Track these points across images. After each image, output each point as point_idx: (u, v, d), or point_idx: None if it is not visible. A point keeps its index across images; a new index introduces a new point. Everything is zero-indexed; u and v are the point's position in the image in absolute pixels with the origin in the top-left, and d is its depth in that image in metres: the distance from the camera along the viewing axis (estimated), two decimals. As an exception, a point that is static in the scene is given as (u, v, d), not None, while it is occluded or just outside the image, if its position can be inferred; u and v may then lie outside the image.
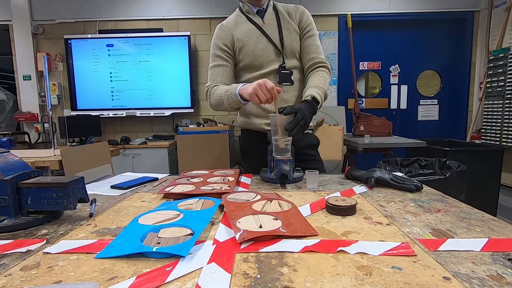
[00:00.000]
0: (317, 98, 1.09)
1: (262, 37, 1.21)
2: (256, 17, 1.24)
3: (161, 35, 3.76)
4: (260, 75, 1.21)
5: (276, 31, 1.22)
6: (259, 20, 1.23)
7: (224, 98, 1.14)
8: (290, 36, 1.23)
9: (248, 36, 1.21)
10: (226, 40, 1.22)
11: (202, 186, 0.93)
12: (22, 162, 0.71)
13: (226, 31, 1.23)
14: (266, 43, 1.20)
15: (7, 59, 3.92)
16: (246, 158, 1.36)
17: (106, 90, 3.82)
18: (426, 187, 0.93)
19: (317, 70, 1.23)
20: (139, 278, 0.44)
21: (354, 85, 3.16)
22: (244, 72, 1.26)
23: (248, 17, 1.24)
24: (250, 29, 1.22)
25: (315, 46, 1.25)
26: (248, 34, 1.21)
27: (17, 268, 0.48)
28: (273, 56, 1.21)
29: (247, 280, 0.43)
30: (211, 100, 1.22)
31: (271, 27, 1.22)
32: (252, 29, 1.21)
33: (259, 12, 1.24)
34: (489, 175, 2.61)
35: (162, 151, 3.51)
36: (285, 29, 1.22)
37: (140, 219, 0.65)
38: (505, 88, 3.24)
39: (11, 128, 3.95)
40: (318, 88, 1.13)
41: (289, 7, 1.28)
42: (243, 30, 1.22)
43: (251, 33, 1.21)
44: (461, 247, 0.52)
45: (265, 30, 1.21)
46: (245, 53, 1.21)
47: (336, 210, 0.70)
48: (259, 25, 1.22)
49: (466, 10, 3.76)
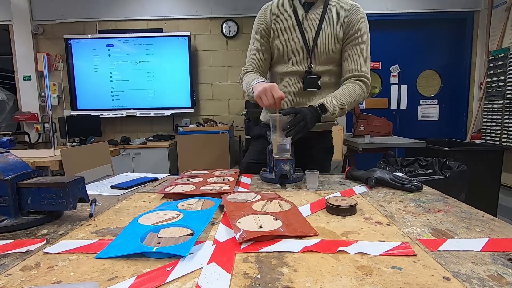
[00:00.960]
0: (326, 106, 1.02)
1: (297, 33, 1.13)
2: (300, 9, 1.14)
3: (161, 35, 3.76)
4: (285, 72, 1.18)
5: (314, 32, 1.13)
6: (302, 14, 1.14)
7: (245, 89, 1.15)
8: (327, 41, 1.13)
9: (285, 27, 1.14)
10: (264, 24, 1.17)
11: (202, 186, 0.93)
12: (22, 162, 0.71)
13: (267, 15, 1.16)
14: (299, 41, 1.13)
15: (7, 59, 3.92)
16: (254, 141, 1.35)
17: (106, 90, 3.82)
18: (426, 187, 0.93)
19: (350, 82, 1.13)
20: (139, 278, 0.44)
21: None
22: (274, 64, 1.23)
23: (294, 6, 1.14)
24: (290, 20, 1.14)
25: (360, 57, 1.12)
26: (286, 25, 1.14)
27: (17, 268, 0.48)
28: (301, 57, 1.15)
29: (247, 280, 0.43)
30: (242, 85, 1.21)
31: (311, 25, 1.13)
32: (292, 21, 1.14)
33: (305, 5, 1.14)
34: (489, 175, 2.61)
35: (162, 151, 3.51)
36: (324, 32, 1.13)
37: (140, 219, 0.65)
38: (505, 88, 3.24)
39: (11, 128, 3.95)
40: (336, 98, 1.06)
41: (344, 6, 1.14)
42: (283, 18, 1.14)
43: (288, 25, 1.14)
44: (461, 247, 0.52)
45: (303, 26, 1.13)
46: (276, 44, 1.16)
47: (336, 210, 0.70)
48: (299, 19, 1.13)
49: (466, 10, 3.76)
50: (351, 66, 1.13)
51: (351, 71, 1.13)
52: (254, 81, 1.10)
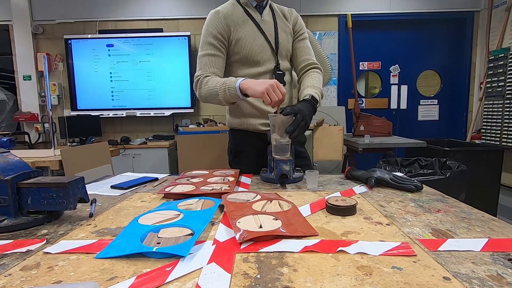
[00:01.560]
0: (316, 97, 1.09)
1: (259, 33, 1.19)
2: (254, 12, 1.21)
3: (161, 35, 3.75)
4: (256, 73, 1.19)
5: (273, 30, 1.21)
6: (257, 16, 1.21)
7: (220, 91, 1.07)
8: (285, 37, 1.23)
9: (245, 29, 1.18)
10: (221, 29, 1.15)
11: (202, 186, 0.93)
12: (22, 162, 0.71)
13: (222, 20, 1.16)
14: (263, 41, 1.19)
15: (7, 59, 3.92)
16: (241, 158, 1.30)
17: (106, 90, 3.82)
18: (426, 187, 0.93)
19: (311, 71, 1.24)
20: (139, 278, 0.44)
21: (354, 85, 3.16)
22: (237, 67, 1.21)
23: (246, 10, 1.20)
24: (248, 23, 1.19)
25: (307, 48, 1.27)
26: (246, 28, 1.18)
27: (17, 268, 0.48)
28: (268, 55, 1.20)
29: (247, 280, 0.43)
30: (201, 91, 1.14)
31: (268, 25, 1.21)
32: (250, 23, 1.19)
33: (258, 8, 1.22)
34: (489, 175, 2.61)
35: (162, 151, 3.51)
36: (281, 29, 1.23)
37: (140, 219, 0.65)
38: (505, 88, 3.24)
39: (11, 128, 3.95)
40: (315, 88, 1.14)
41: (283, 8, 1.28)
42: (240, 22, 1.18)
43: (248, 27, 1.18)
44: (461, 247, 0.52)
45: (262, 27, 1.20)
46: (241, 46, 1.17)
47: (336, 210, 0.70)
48: (256, 21, 1.19)
49: (466, 10, 3.76)
50: (304, 56, 1.26)
51: (306, 60, 1.26)
52: (231, 81, 1.06)
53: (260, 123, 1.23)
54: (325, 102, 3.92)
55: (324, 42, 3.82)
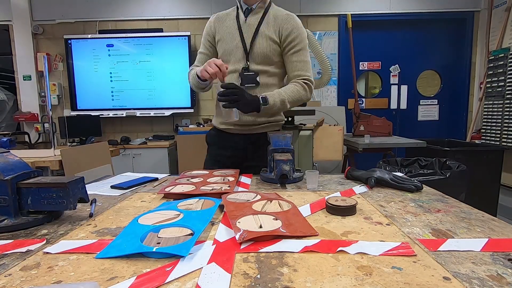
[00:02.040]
0: (268, 99, 1.14)
1: (237, 35, 1.25)
2: (241, 16, 1.27)
3: (161, 35, 3.76)
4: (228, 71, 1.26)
5: (252, 34, 1.23)
6: (242, 18, 1.26)
7: (190, 78, 1.30)
8: (263, 42, 1.22)
9: (227, 31, 1.27)
10: (209, 30, 1.32)
11: (202, 186, 0.93)
12: (22, 162, 0.71)
13: (214, 22, 1.31)
14: (238, 43, 1.24)
15: (7, 59, 3.92)
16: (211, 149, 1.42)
17: (106, 90, 3.82)
18: (426, 187, 0.93)
19: (294, 82, 1.24)
20: (139, 278, 0.44)
21: (354, 85, 3.16)
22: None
23: (237, 14, 1.28)
24: (231, 25, 1.27)
25: (300, 63, 1.23)
26: (228, 30, 1.27)
27: (17, 268, 0.48)
28: (240, 56, 1.25)
29: (247, 280, 0.43)
30: (189, 79, 1.34)
31: (249, 28, 1.24)
32: (233, 26, 1.26)
33: (246, 11, 1.26)
34: (489, 175, 2.61)
35: (162, 151, 3.51)
36: (261, 34, 1.23)
37: (140, 219, 0.65)
38: (505, 88, 3.24)
39: (11, 128, 3.95)
40: (278, 93, 1.18)
41: (281, 14, 1.25)
42: (227, 24, 1.28)
43: (230, 29, 1.27)
44: (461, 247, 0.52)
45: (242, 29, 1.25)
46: (219, 46, 1.29)
47: (336, 210, 0.70)
48: (239, 23, 1.26)
49: (466, 10, 3.76)
50: (294, 72, 1.25)
51: (295, 77, 1.25)
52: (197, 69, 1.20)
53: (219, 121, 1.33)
54: (325, 102, 3.92)
55: (324, 42, 3.82)
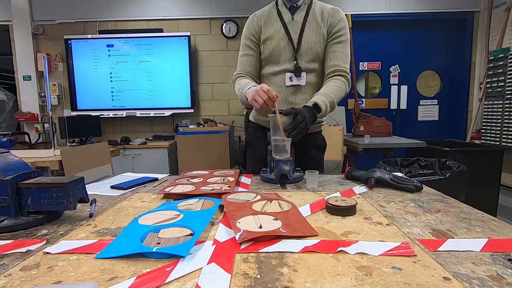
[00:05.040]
0: (320, 106, 1.08)
1: (284, 35, 1.21)
2: (286, 13, 1.23)
3: (161, 35, 3.76)
4: (275, 72, 1.24)
5: (298, 32, 1.21)
6: (288, 17, 1.22)
7: (238, 94, 1.23)
8: (312, 38, 1.20)
9: (273, 31, 1.22)
10: (253, 30, 1.26)
11: (202, 186, 0.93)
12: (22, 162, 0.71)
13: (255, 22, 1.26)
14: (286, 42, 1.21)
15: (7, 59, 3.92)
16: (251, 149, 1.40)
17: (106, 90, 3.82)
18: (426, 187, 0.93)
19: (334, 78, 1.20)
20: (139, 278, 0.44)
21: (354, 85, 3.16)
22: (263, 65, 1.30)
23: (279, 11, 1.24)
24: (277, 25, 1.22)
25: (341, 54, 1.21)
26: (274, 30, 1.22)
27: (17, 268, 0.48)
28: (289, 55, 1.22)
29: (247, 281, 0.43)
30: (234, 90, 1.29)
31: (296, 25, 1.21)
32: (279, 25, 1.22)
33: (291, 9, 1.23)
34: (489, 175, 2.61)
35: (162, 151, 3.51)
36: (309, 30, 1.20)
37: (140, 219, 0.65)
38: (505, 88, 3.24)
39: (11, 128, 3.95)
40: (326, 96, 1.12)
41: (326, 8, 1.24)
42: (271, 24, 1.23)
43: (276, 29, 1.22)
44: (461, 247, 0.52)
45: (289, 28, 1.21)
46: (266, 47, 1.24)
47: (336, 211, 0.70)
48: (285, 23, 1.22)
49: (466, 10, 3.76)
50: (333, 61, 1.21)
51: (333, 66, 1.21)
52: (246, 86, 1.15)
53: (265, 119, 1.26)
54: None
55: (324, 42, 3.82)
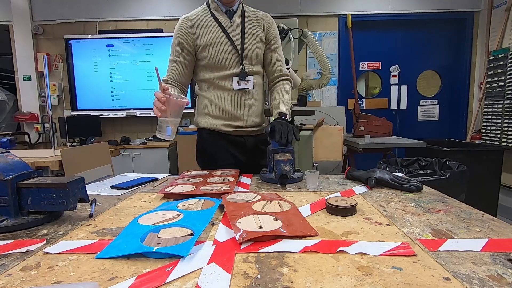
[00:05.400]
0: (285, 113, 1.18)
1: (226, 40, 1.19)
2: (223, 17, 1.20)
3: (161, 35, 3.76)
4: (222, 76, 1.21)
5: (239, 36, 1.20)
6: (226, 21, 1.20)
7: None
8: (253, 43, 1.22)
9: (212, 36, 1.18)
10: (188, 36, 1.18)
11: (202, 187, 0.93)
12: (22, 162, 0.71)
13: (190, 27, 1.18)
14: (230, 47, 1.19)
15: (7, 59, 3.92)
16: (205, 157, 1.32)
17: (106, 90, 3.82)
18: (426, 187, 0.93)
19: (281, 84, 1.29)
20: (139, 278, 0.44)
21: (354, 85, 3.16)
22: (205, 71, 1.23)
23: (214, 16, 1.20)
24: (215, 29, 1.19)
25: (279, 58, 1.31)
26: (213, 35, 1.18)
27: (17, 268, 0.48)
28: (235, 60, 1.20)
29: (247, 281, 0.43)
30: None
31: (236, 30, 1.20)
32: (217, 30, 1.19)
33: (228, 13, 1.20)
34: (489, 175, 2.61)
35: (162, 151, 3.51)
36: (249, 34, 1.22)
37: (140, 220, 0.65)
38: (505, 89, 3.24)
39: (11, 129, 3.95)
40: (285, 103, 1.23)
41: (258, 13, 1.27)
42: (208, 29, 1.18)
43: (215, 34, 1.18)
44: (461, 247, 0.52)
45: (230, 33, 1.19)
46: (207, 53, 1.18)
47: (336, 211, 0.70)
48: (224, 27, 1.19)
49: (466, 10, 3.76)
50: (275, 66, 1.30)
51: (277, 71, 1.31)
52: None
53: (223, 124, 1.24)
54: (325, 102, 3.92)
55: (324, 42, 3.82)
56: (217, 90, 1.23)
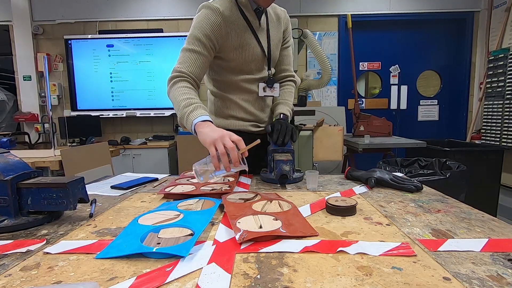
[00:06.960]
0: (287, 114, 1.18)
1: (256, 44, 1.11)
2: (253, 17, 1.09)
3: (161, 36, 3.76)
4: (247, 79, 1.15)
5: (266, 39, 1.15)
6: (256, 22, 1.10)
7: (176, 107, 0.97)
8: (276, 46, 1.20)
9: (244, 39, 1.09)
10: (217, 31, 1.03)
11: (202, 187, 0.93)
12: (22, 162, 0.71)
13: (222, 21, 1.03)
14: (259, 52, 1.13)
15: (7, 59, 3.92)
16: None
17: (106, 90, 3.82)
18: (426, 187, 0.93)
19: (286, 85, 1.28)
20: (139, 278, 0.44)
21: (354, 85, 3.16)
22: (230, 72, 1.14)
23: (243, 13, 1.07)
24: (246, 31, 1.09)
25: (288, 57, 1.28)
26: (244, 37, 1.09)
27: (17, 268, 0.48)
28: (262, 65, 1.17)
29: (247, 281, 0.43)
30: (169, 92, 1.02)
31: (263, 32, 1.14)
32: (248, 32, 1.09)
33: (257, 12, 1.09)
34: (489, 175, 2.61)
35: (162, 151, 3.51)
36: (273, 38, 1.17)
37: (140, 220, 0.65)
38: (505, 89, 3.24)
39: (11, 129, 3.95)
40: (286, 104, 1.22)
41: (277, 9, 1.20)
42: (239, 29, 1.07)
43: (247, 36, 1.09)
44: (461, 248, 0.52)
45: (259, 36, 1.12)
46: (236, 55, 1.09)
47: (336, 211, 0.70)
48: (254, 29, 1.10)
49: (466, 10, 3.76)
50: (283, 65, 1.27)
51: (284, 71, 1.28)
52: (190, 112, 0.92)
53: (250, 124, 1.21)
54: (325, 102, 3.92)
55: (324, 42, 3.82)
56: (241, 93, 1.17)
